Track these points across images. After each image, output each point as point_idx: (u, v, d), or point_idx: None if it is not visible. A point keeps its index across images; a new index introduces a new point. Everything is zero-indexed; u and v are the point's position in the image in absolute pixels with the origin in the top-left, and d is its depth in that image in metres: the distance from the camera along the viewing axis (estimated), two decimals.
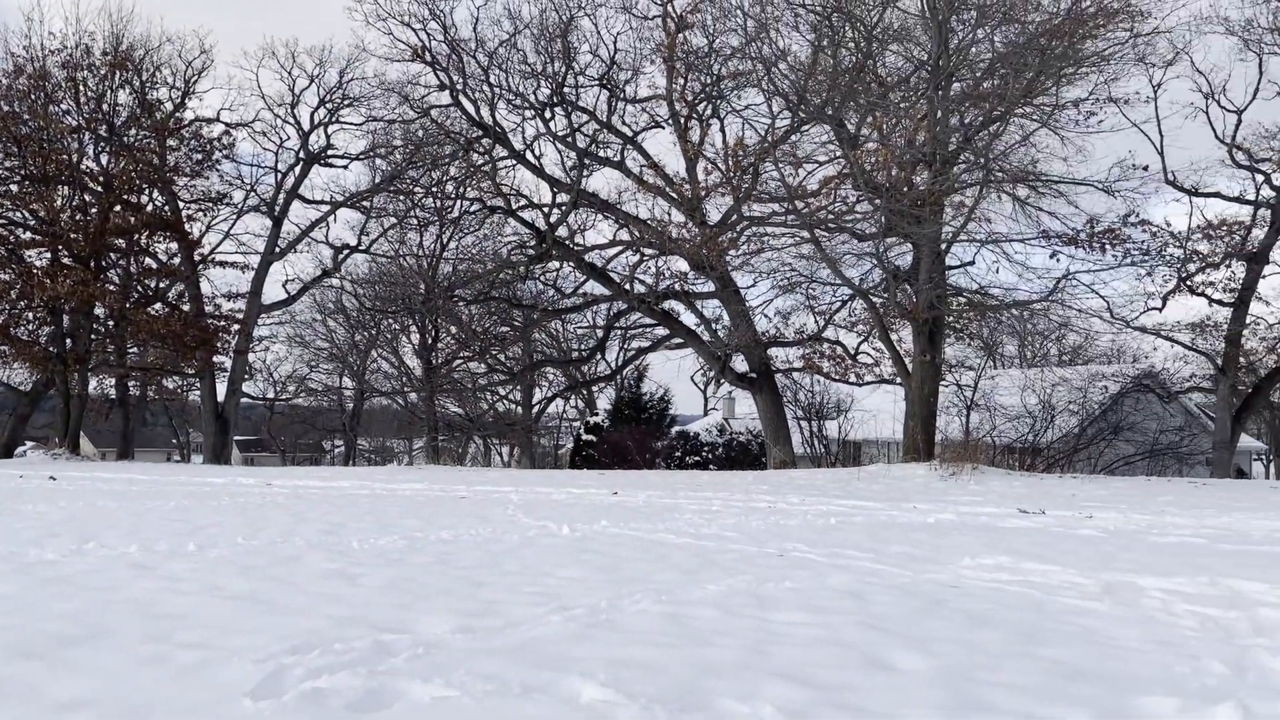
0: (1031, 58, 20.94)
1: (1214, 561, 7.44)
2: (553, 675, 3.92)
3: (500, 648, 4.39)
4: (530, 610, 5.23)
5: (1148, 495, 15.19)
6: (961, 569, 6.96)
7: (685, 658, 4.22)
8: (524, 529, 9.43)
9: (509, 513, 11.28)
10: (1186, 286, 26.10)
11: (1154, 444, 28.39)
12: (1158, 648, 4.50)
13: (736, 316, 25.46)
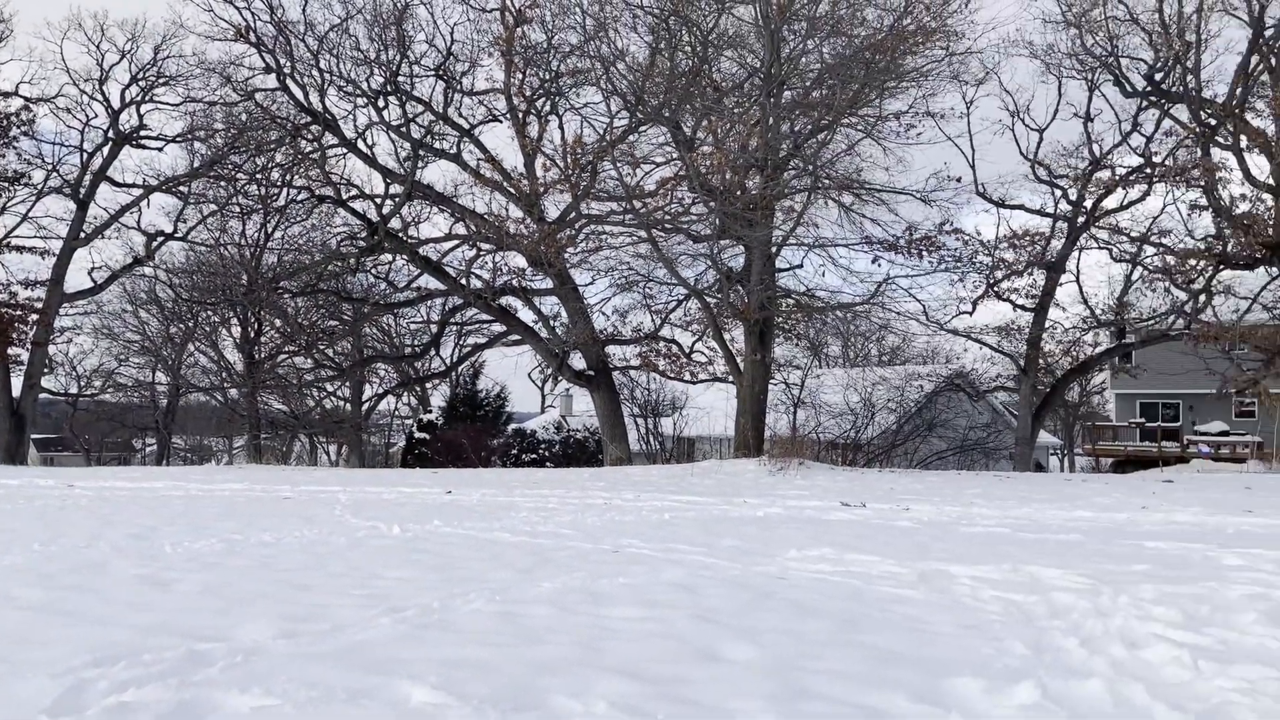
0: (857, 70, 21.84)
1: (1016, 550, 7.96)
2: (381, 679, 3.80)
3: (326, 652, 4.22)
4: (358, 613, 5.06)
5: (958, 488, 16.12)
6: (789, 561, 7.19)
7: (519, 656, 4.18)
8: (352, 530, 9.14)
9: (336, 513, 10.91)
10: (994, 292, 27.83)
11: (964, 440, 30.17)
12: (967, 632, 4.77)
13: (574, 314, 25.50)
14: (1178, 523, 10.81)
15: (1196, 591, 5.78)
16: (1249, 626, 4.75)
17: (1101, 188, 27.13)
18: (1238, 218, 25.14)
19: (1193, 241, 26.72)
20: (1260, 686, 3.65)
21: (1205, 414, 35.49)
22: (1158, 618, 5.00)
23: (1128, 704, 3.50)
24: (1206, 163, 25.48)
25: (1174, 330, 27.24)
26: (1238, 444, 31.51)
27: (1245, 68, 25.57)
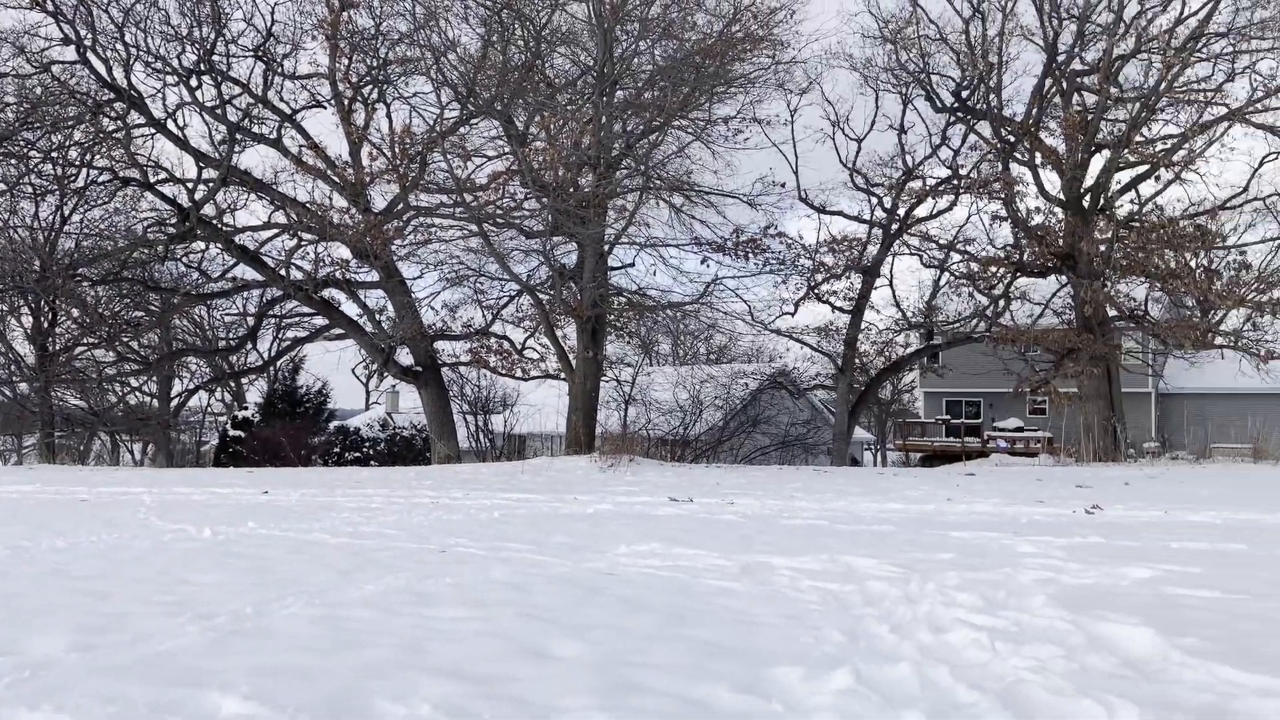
0: (688, 73, 22.25)
1: (833, 541, 8.30)
2: (187, 691, 3.58)
3: (126, 664, 3.95)
4: (163, 621, 4.76)
5: (780, 482, 16.68)
6: (618, 557, 7.24)
7: (339, 662, 4.03)
8: (158, 533, 8.60)
9: (140, 516, 10.25)
10: (814, 294, 28.94)
11: (785, 436, 31.28)
12: (787, 622, 4.93)
13: (402, 308, 24.88)
14: (978, 513, 11.53)
15: (994, 578, 6.17)
16: (1040, 609, 5.10)
17: (913, 197, 28.65)
18: (1033, 229, 27.08)
19: (994, 250, 28.59)
20: (1049, 665, 3.93)
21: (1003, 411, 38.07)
22: (960, 603, 5.30)
23: (933, 685, 3.69)
24: (1006, 177, 27.32)
25: (976, 333, 29.07)
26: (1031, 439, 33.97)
27: (1040, 89, 27.57)
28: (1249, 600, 5.39)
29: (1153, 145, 26.99)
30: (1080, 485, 16.87)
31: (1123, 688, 3.57)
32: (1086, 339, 25.85)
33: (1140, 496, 14.31)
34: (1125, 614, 4.84)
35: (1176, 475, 19.94)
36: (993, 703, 3.42)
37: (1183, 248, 25.70)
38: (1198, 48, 25.87)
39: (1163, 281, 26.10)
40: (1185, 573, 6.46)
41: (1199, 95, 26.46)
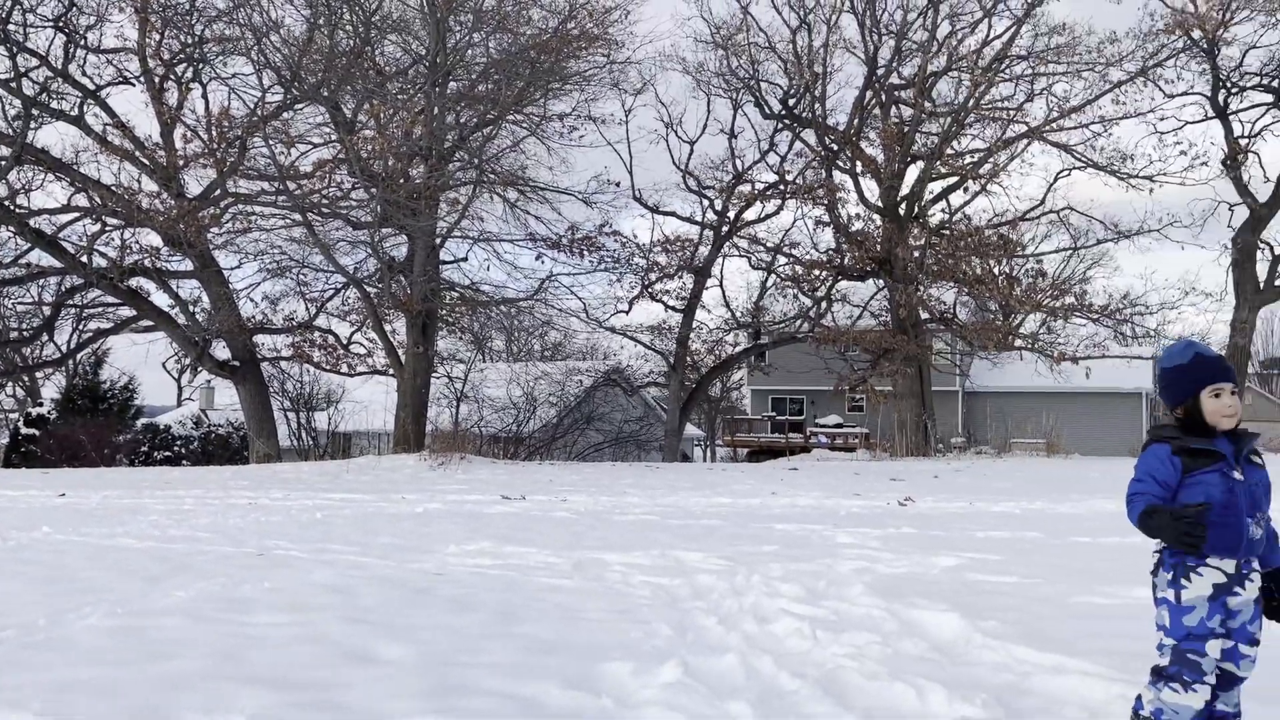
0: (523, 68, 22.10)
1: (664, 535, 8.43)
2: None
3: None
4: None
5: (613, 479, 16.81)
6: (448, 556, 7.11)
7: (144, 674, 3.78)
8: None
9: None
10: (648, 293, 29.33)
11: (619, 432, 31.55)
12: (618, 617, 4.96)
13: (218, 299, 23.63)
14: (801, 506, 11.96)
15: (815, 568, 6.41)
16: (857, 598, 5.33)
17: (743, 200, 29.45)
18: (853, 234, 28.32)
19: (817, 254, 29.73)
20: (865, 651, 4.11)
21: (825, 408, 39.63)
22: (784, 594, 5.47)
23: (758, 675, 3.80)
24: (829, 183, 28.48)
25: (801, 333, 30.15)
26: (850, 435, 35.53)
27: (861, 101, 28.86)
28: (1043, 584, 5.79)
29: (962, 158, 28.71)
30: (894, 479, 17.76)
31: (932, 671, 3.77)
32: (901, 340, 27.24)
33: (948, 489, 15.20)
34: (934, 600, 5.12)
35: (980, 469, 21.29)
36: (813, 690, 3.54)
37: (987, 255, 27.46)
38: (1002, 69, 27.68)
39: (970, 286, 27.81)
40: (987, 560, 6.90)
41: (1003, 113, 28.32)
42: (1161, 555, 2.80)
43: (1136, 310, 27.67)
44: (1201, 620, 2.69)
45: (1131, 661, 3.71)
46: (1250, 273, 29.03)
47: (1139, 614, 4.85)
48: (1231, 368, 2.86)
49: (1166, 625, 2.75)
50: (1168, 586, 2.76)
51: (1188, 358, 2.83)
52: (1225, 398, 2.77)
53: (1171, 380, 2.85)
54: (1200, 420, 2.78)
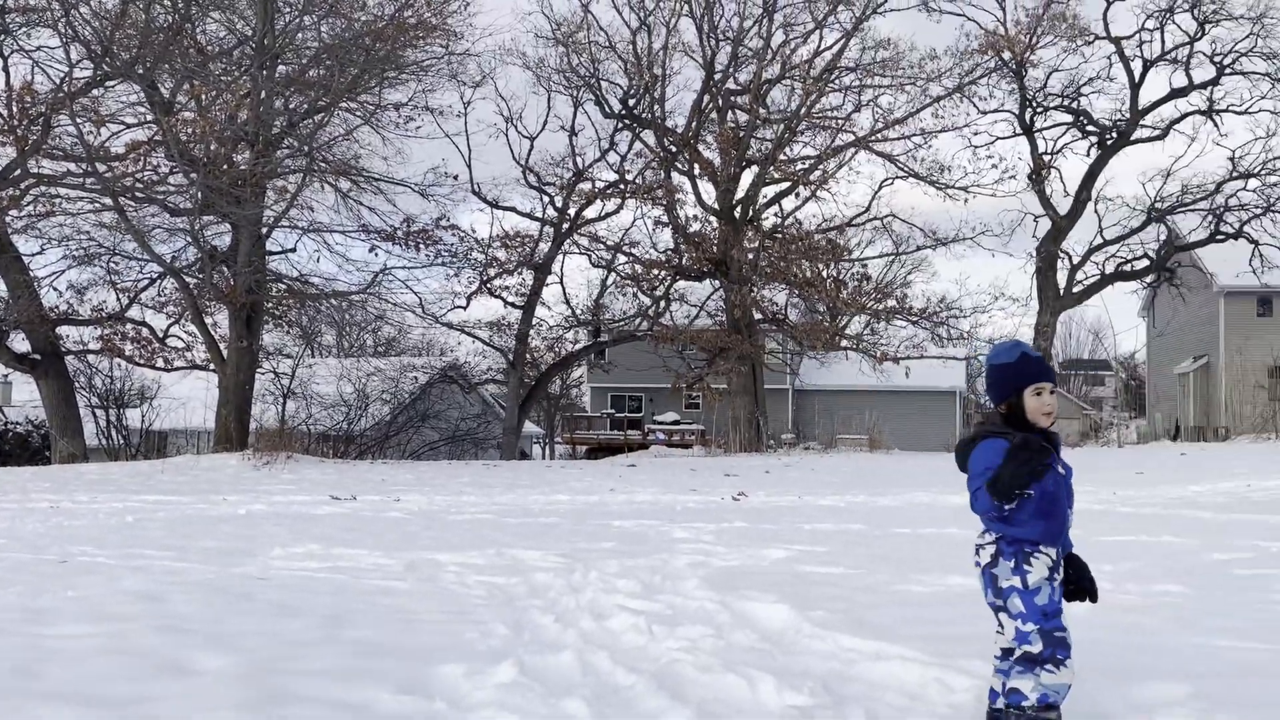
0: (356, 54, 21.44)
1: (501, 534, 8.34)
2: None
3: None
4: None
5: (449, 477, 16.53)
6: (272, 560, 6.82)
7: None
8: None
9: None
10: (487, 289, 28.99)
11: (456, 430, 31.04)
12: (453, 618, 4.87)
13: (17, 287, 21.85)
14: (638, 502, 12.09)
15: (652, 563, 6.48)
16: (692, 591, 5.42)
17: (583, 198, 29.50)
18: (691, 235, 28.84)
19: (656, 253, 30.13)
20: (700, 644, 4.17)
21: (662, 405, 40.21)
22: (621, 589, 5.51)
23: (594, 671, 3.80)
24: (668, 184, 28.90)
25: (640, 331, 30.47)
26: (686, 432, 36.19)
27: (699, 104, 29.43)
28: (866, 574, 6.05)
29: (794, 164, 29.70)
30: (728, 474, 18.20)
31: (762, 661, 3.87)
32: (736, 339, 27.94)
33: (779, 484, 15.69)
34: (765, 592, 5.26)
35: (808, 464, 22.08)
36: (649, 684, 3.56)
37: (817, 259, 28.50)
38: (832, 79, 28.79)
39: (800, 289, 28.81)
40: (815, 552, 7.15)
41: (832, 122, 29.46)
42: (999, 546, 2.89)
43: (952, 313, 29.36)
44: (1050, 598, 2.84)
45: (944, 645, 3.92)
46: (1052, 280, 31.25)
47: (952, 600, 5.13)
48: (1052, 369, 3.04)
49: (1024, 612, 2.83)
50: (1012, 574, 2.86)
51: (1014, 357, 2.97)
52: (1046, 396, 2.93)
53: (998, 377, 2.98)
54: (1023, 416, 2.92)
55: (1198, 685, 3.34)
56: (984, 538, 2.94)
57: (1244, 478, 15.49)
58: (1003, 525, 2.88)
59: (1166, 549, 7.23)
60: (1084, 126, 31.42)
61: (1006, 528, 2.87)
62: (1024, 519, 2.84)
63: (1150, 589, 5.41)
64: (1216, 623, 4.52)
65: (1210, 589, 5.47)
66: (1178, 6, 29.42)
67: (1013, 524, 2.86)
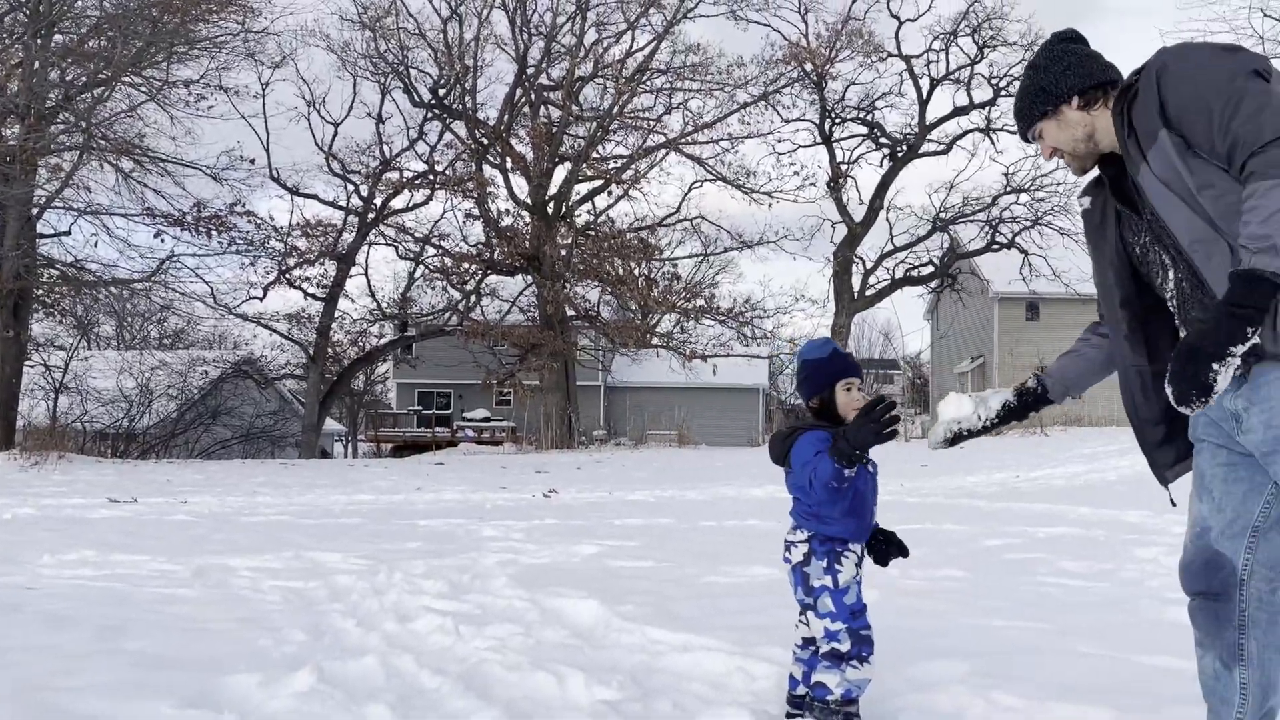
0: (142, 26, 20.05)
1: (299, 536, 7.99)
2: None
3: None
4: None
5: (243, 477, 15.71)
6: (41, 568, 6.25)
7: None
8: None
9: None
10: (286, 279, 27.76)
11: (250, 428, 29.56)
12: (244, 625, 4.61)
13: None
14: (446, 501, 11.88)
15: (460, 563, 6.37)
16: (501, 590, 5.35)
17: (391, 188, 28.74)
18: (503, 229, 28.62)
19: (467, 247, 29.71)
20: (508, 642, 4.12)
21: (473, 402, 39.74)
22: (427, 590, 5.37)
23: (398, 675, 3.68)
24: (479, 177, 28.55)
25: (449, 326, 29.98)
26: (497, 429, 35.89)
27: (512, 98, 29.22)
28: (674, 567, 6.16)
29: (606, 163, 29.96)
30: (539, 471, 18.19)
31: (572, 657, 3.86)
32: (548, 336, 27.94)
33: (590, 480, 15.80)
34: (575, 588, 5.26)
35: (619, 460, 22.37)
36: (455, 685, 3.49)
37: (629, 257, 28.89)
38: (643, 80, 29.23)
39: (612, 286, 29.11)
40: (625, 546, 7.23)
41: (644, 123, 29.91)
42: (811, 545, 2.93)
43: (756, 314, 30.44)
44: (858, 597, 2.92)
45: (747, 635, 4.04)
46: (847, 283, 32.91)
47: (755, 591, 5.30)
48: (859, 365, 3.13)
49: (834, 611, 2.89)
50: (824, 574, 2.91)
51: (826, 353, 3.05)
52: (855, 392, 3.01)
53: (811, 373, 3.04)
54: (834, 411, 3.00)
55: (975, 663, 3.58)
56: (795, 535, 2.99)
57: (1013, 469, 16.85)
58: (816, 524, 2.94)
59: (948, 536, 7.73)
60: (877, 139, 33.26)
61: (819, 526, 2.93)
62: (836, 517, 2.92)
63: (933, 574, 5.77)
64: (992, 604, 4.87)
65: (986, 573, 5.88)
66: (960, 30, 31.59)
67: (825, 522, 2.93)
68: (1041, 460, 18.48)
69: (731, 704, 3.21)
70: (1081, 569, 6.01)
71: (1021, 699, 3.15)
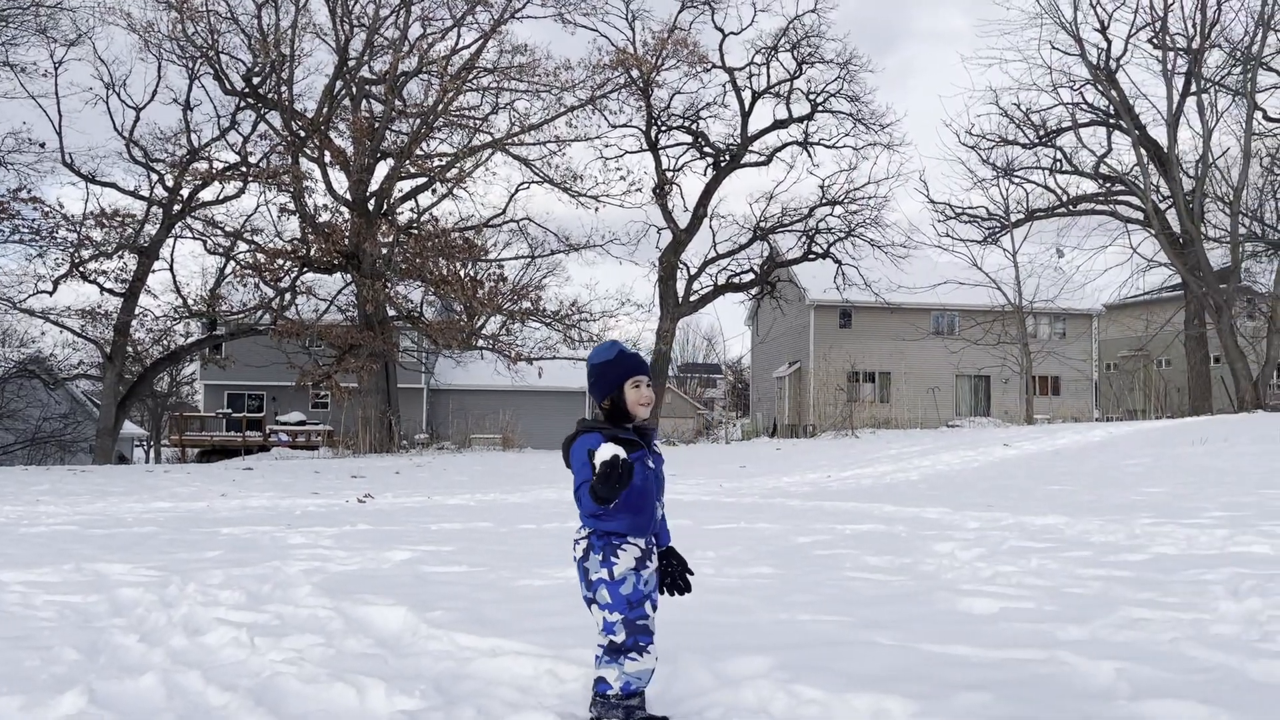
0: None
1: (83, 547, 7.39)
2: None
3: None
4: None
5: (23, 485, 14.49)
6: None
7: None
8: None
9: None
10: (79, 272, 25.84)
11: (37, 432, 27.35)
12: (10, 644, 4.20)
13: None
14: (253, 507, 11.29)
15: (262, 572, 6.03)
16: (304, 599, 5.09)
17: (199, 178, 27.21)
18: (321, 225, 27.55)
19: (281, 242, 28.45)
20: (307, 654, 3.91)
21: (287, 405, 38.10)
22: (223, 601, 5.06)
23: (182, 693, 3.43)
24: (296, 170, 27.40)
25: (262, 325, 28.62)
26: (313, 432, 34.52)
27: (331, 89, 28.20)
28: (488, 571, 6.04)
29: (431, 160, 29.36)
30: (355, 476, 17.60)
31: (374, 667, 3.70)
32: (368, 336, 27.09)
33: (409, 484, 15.39)
34: (383, 595, 5.06)
35: (441, 464, 21.91)
36: (245, 701, 3.27)
37: (453, 257, 28.39)
38: (470, 78, 28.81)
39: (436, 286, 28.53)
40: (440, 551, 7.03)
41: (470, 121, 29.50)
42: (589, 540, 2.96)
43: (583, 317, 30.49)
44: (635, 588, 2.93)
45: (557, 637, 3.98)
46: (672, 288, 33.48)
47: (567, 593, 5.24)
48: (646, 362, 3.17)
49: (610, 602, 2.91)
50: (600, 567, 2.92)
51: (613, 354, 3.08)
52: (644, 389, 3.05)
53: (600, 374, 3.07)
54: (624, 409, 3.03)
55: (781, 656, 3.64)
56: (579, 532, 3.02)
57: (825, 469, 17.54)
58: (594, 520, 2.96)
59: (761, 534, 7.92)
60: (702, 147, 34.02)
61: (597, 522, 2.96)
62: (615, 513, 2.93)
63: (745, 571, 5.89)
64: (799, 599, 4.99)
65: (795, 568, 6.05)
66: (781, 46, 32.72)
67: (605, 519, 2.94)
68: (852, 461, 19.31)
69: (537, 708, 3.14)
70: (883, 563, 6.26)
71: (823, 690, 3.22)
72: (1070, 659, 3.61)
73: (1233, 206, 28.92)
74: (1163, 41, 29.48)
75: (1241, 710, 2.97)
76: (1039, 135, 32.72)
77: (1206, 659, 3.63)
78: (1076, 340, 38.69)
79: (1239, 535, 6.82)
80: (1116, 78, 30.73)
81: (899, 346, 36.23)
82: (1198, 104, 29.25)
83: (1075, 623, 4.29)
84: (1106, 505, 9.47)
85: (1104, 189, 32.97)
